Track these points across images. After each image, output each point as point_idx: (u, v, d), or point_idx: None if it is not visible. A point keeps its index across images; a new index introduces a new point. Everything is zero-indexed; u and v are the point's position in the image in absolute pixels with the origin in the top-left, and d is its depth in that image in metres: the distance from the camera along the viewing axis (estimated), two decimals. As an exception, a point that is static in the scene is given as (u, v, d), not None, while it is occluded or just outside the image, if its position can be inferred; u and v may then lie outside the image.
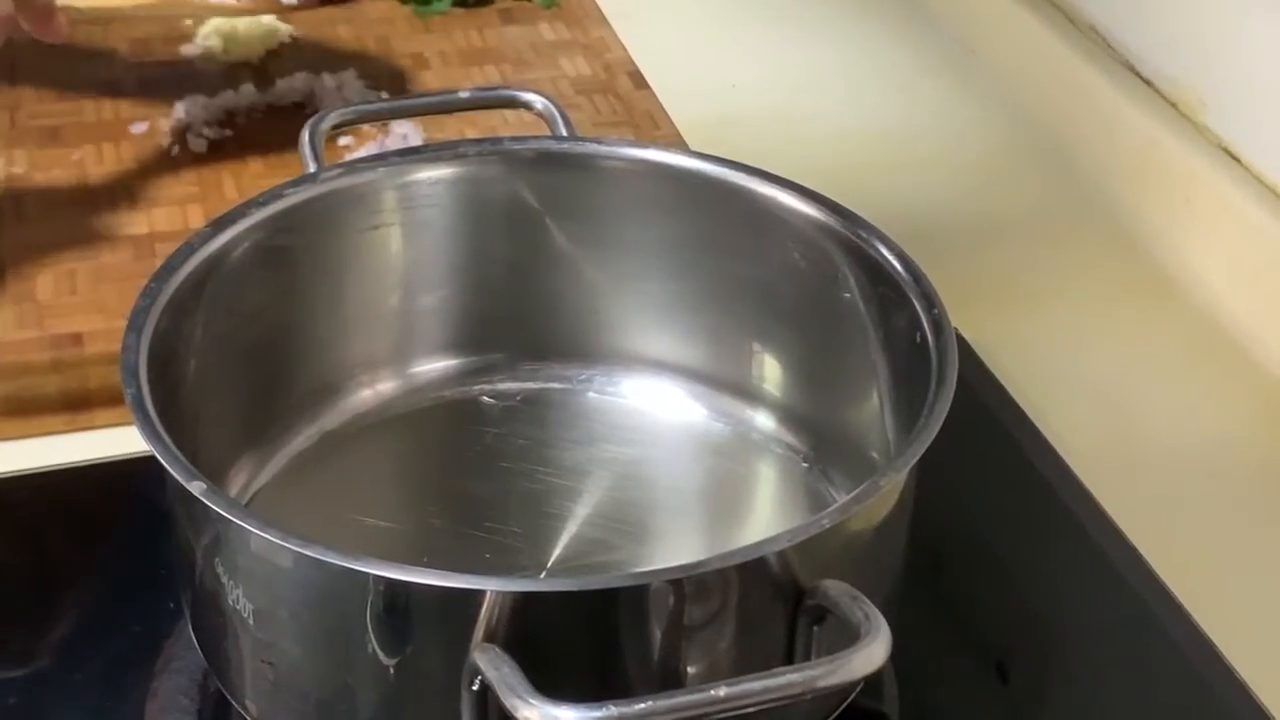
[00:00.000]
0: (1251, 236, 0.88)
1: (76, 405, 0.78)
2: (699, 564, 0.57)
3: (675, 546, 0.70)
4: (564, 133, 0.75)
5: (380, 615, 0.54)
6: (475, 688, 0.52)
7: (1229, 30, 0.92)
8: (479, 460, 0.72)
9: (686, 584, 0.54)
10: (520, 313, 0.75)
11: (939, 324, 0.63)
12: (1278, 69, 0.88)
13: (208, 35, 1.04)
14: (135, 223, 0.88)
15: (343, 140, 0.95)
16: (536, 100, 0.76)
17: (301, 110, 0.99)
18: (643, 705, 0.49)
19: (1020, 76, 1.07)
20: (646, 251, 0.73)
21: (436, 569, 0.53)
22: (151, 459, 0.56)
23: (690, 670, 0.55)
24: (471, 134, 0.90)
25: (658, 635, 0.54)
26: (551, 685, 0.50)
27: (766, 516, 0.73)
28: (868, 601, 0.53)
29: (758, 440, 0.74)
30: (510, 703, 0.50)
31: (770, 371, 0.74)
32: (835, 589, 0.55)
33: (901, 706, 0.65)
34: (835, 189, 0.71)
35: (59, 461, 0.75)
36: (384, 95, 1.01)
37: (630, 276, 0.74)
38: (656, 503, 0.71)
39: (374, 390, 0.74)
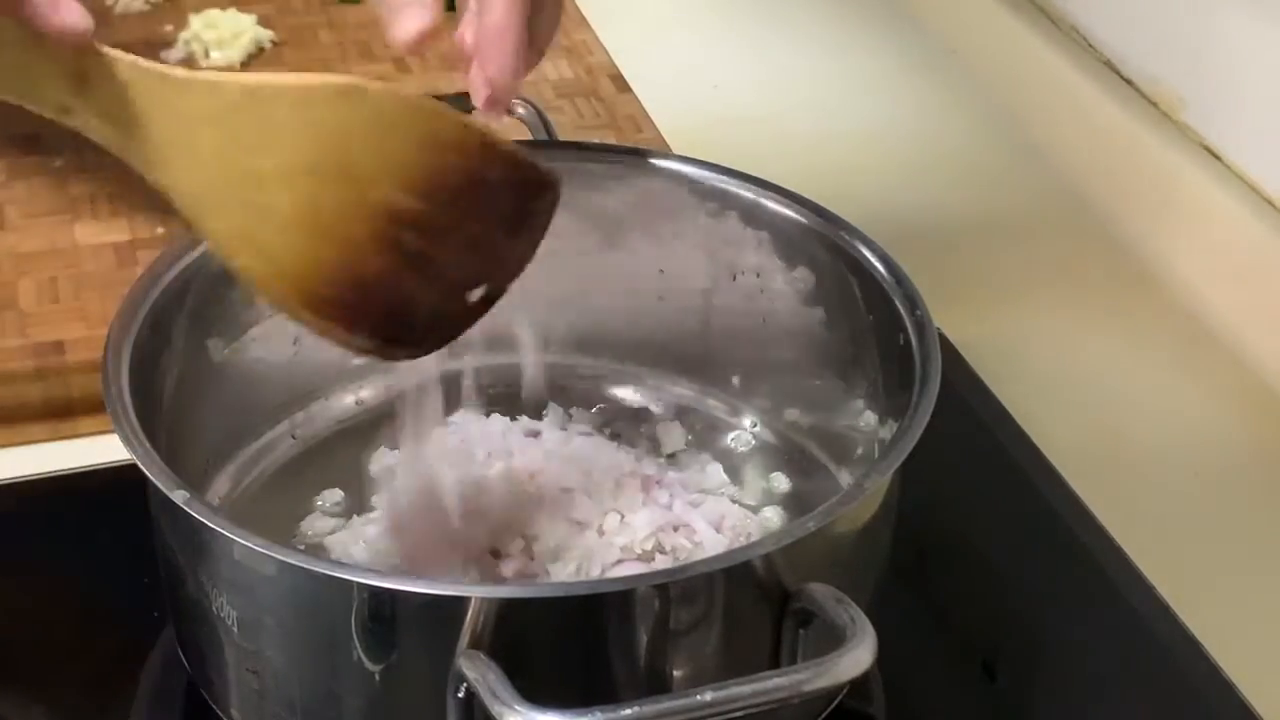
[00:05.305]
0: (1232, 234, 0.88)
1: (59, 413, 0.77)
2: (684, 568, 0.57)
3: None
4: (545, 136, 0.74)
5: (365, 623, 0.54)
6: (461, 695, 0.52)
7: (1209, 30, 0.92)
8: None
9: (672, 588, 0.54)
10: (504, 316, 0.75)
11: (922, 325, 0.63)
12: (1257, 67, 0.88)
13: (189, 40, 1.04)
14: (117, 230, 0.88)
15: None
16: (517, 104, 0.76)
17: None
18: (629, 710, 0.49)
19: (1002, 77, 1.07)
20: (630, 254, 0.73)
21: (422, 576, 0.53)
22: (134, 467, 0.56)
23: (676, 675, 0.55)
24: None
25: (644, 640, 0.54)
26: (538, 691, 0.50)
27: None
28: (853, 604, 0.54)
29: (743, 442, 0.74)
30: (496, 710, 0.50)
31: (755, 373, 0.73)
32: (821, 592, 0.55)
33: (889, 707, 0.65)
34: (817, 191, 0.71)
35: (41, 470, 0.75)
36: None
37: (614, 279, 0.74)
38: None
39: (356, 397, 0.74)
